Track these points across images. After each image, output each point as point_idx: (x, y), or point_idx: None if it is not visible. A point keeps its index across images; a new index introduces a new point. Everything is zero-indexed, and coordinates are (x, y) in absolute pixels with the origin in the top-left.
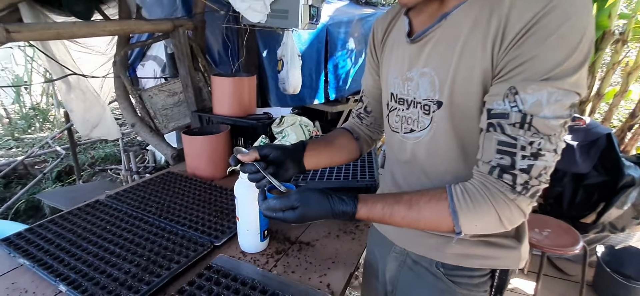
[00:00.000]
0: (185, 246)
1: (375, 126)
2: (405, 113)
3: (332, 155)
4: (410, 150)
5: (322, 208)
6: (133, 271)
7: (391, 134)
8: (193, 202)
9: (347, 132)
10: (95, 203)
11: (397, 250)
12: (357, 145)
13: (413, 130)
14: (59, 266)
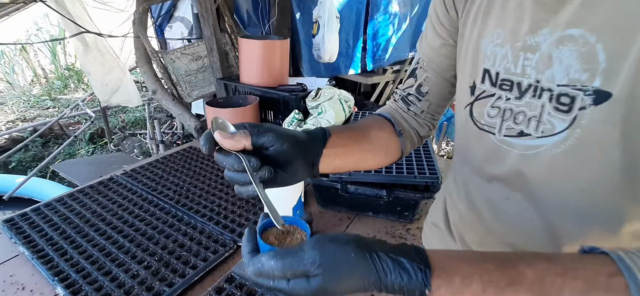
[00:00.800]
0: (204, 244)
1: (427, 116)
2: (512, 104)
3: (363, 154)
4: (514, 163)
5: (360, 280)
6: (142, 275)
7: (475, 133)
8: (215, 185)
9: (386, 122)
10: (109, 181)
11: None
12: (399, 143)
13: (526, 133)
14: (60, 261)
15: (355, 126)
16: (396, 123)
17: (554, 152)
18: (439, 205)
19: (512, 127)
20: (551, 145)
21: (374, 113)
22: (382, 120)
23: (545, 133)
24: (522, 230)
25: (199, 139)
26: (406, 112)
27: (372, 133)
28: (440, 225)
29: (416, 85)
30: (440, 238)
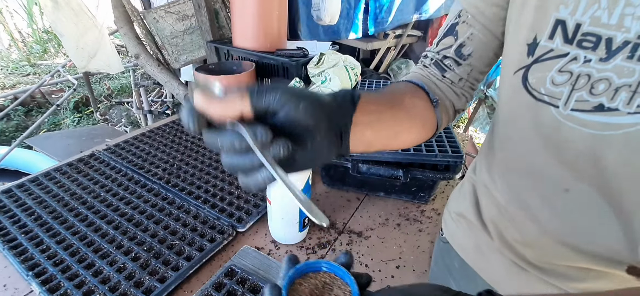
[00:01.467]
0: (199, 231)
1: (466, 85)
2: (593, 67)
3: (398, 125)
4: (584, 146)
5: None
6: (129, 268)
7: (528, 104)
8: (209, 163)
9: (419, 90)
10: (89, 157)
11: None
12: (435, 115)
13: (609, 107)
14: (35, 252)
15: (387, 92)
16: (431, 91)
17: None
18: (466, 195)
19: (585, 98)
20: None
21: (402, 80)
22: (414, 87)
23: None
24: (587, 229)
25: (180, 114)
26: (440, 80)
27: (406, 99)
28: (470, 218)
29: (456, 45)
30: (470, 231)
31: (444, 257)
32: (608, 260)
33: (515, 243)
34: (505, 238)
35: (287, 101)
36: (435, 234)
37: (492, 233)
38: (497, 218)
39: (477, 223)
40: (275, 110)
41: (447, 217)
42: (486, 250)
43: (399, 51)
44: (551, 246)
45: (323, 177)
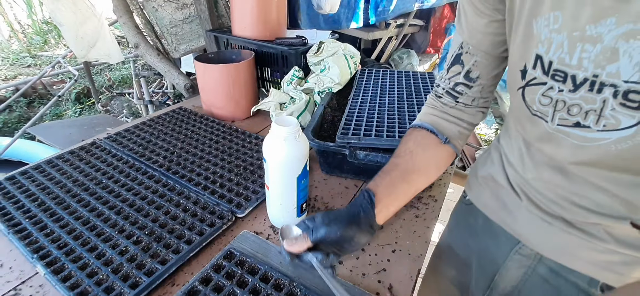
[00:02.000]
0: (199, 216)
1: (480, 102)
2: (565, 96)
3: (415, 185)
4: (572, 151)
5: None
6: (131, 251)
7: (528, 116)
8: (209, 151)
9: (429, 135)
10: (91, 145)
11: (525, 252)
12: (450, 149)
13: (583, 125)
14: (39, 235)
15: (399, 162)
16: (440, 133)
17: (620, 146)
18: (494, 161)
19: (565, 117)
20: (615, 140)
21: (415, 126)
22: (424, 134)
23: (608, 128)
24: (591, 198)
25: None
26: (454, 107)
27: (417, 160)
28: (499, 180)
29: (464, 71)
30: (498, 192)
31: (466, 217)
32: (613, 217)
33: (542, 204)
34: (532, 199)
35: (329, 233)
36: (431, 220)
37: (520, 195)
38: (522, 184)
39: (505, 185)
40: (324, 240)
41: (472, 181)
42: (513, 208)
43: (401, 41)
44: (568, 206)
45: (321, 164)
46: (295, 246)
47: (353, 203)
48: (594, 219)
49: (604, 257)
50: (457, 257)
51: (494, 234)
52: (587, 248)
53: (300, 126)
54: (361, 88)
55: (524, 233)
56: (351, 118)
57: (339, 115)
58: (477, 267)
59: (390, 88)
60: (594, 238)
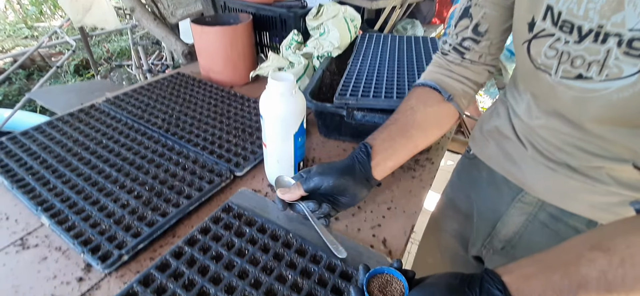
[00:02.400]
0: (198, 174)
1: (487, 59)
2: (570, 48)
3: (414, 142)
4: (573, 103)
5: None
6: (132, 204)
7: (531, 71)
8: (208, 114)
9: (432, 92)
10: (90, 108)
11: (527, 200)
12: (453, 107)
13: (584, 76)
14: (43, 190)
15: (398, 117)
16: (443, 89)
17: (621, 95)
18: (500, 113)
19: (568, 69)
20: (616, 89)
21: (418, 84)
22: (426, 92)
23: (611, 77)
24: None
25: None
26: (459, 64)
27: (418, 115)
28: (505, 132)
29: (472, 25)
30: (503, 144)
31: (469, 171)
32: (617, 160)
33: (546, 152)
34: (537, 148)
35: (322, 182)
36: (428, 181)
37: (525, 144)
38: (528, 133)
39: (511, 136)
40: (318, 188)
41: (477, 135)
42: (518, 158)
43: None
44: (573, 151)
45: (319, 127)
46: (288, 194)
47: (350, 155)
48: (598, 163)
49: (604, 199)
50: (458, 211)
51: (497, 185)
52: (589, 191)
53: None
54: (361, 52)
55: (528, 181)
56: (350, 80)
57: (338, 79)
58: (479, 218)
59: (391, 53)
60: (595, 181)
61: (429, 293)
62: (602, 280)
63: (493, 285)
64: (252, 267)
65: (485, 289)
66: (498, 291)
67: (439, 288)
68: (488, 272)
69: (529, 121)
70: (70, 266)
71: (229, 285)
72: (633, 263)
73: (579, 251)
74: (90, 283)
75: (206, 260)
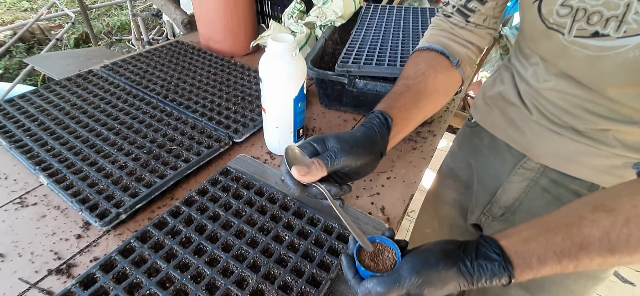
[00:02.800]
0: (196, 139)
1: (490, 22)
2: (587, 3)
3: (424, 112)
4: (585, 65)
5: (454, 288)
6: (130, 166)
7: (543, 31)
8: (207, 82)
9: (440, 57)
10: (87, 73)
11: (529, 166)
12: (459, 73)
13: (602, 34)
14: (41, 151)
15: (410, 83)
16: (451, 54)
17: (639, 52)
18: (504, 79)
19: (584, 27)
20: (634, 46)
21: (423, 48)
22: (434, 57)
23: (629, 34)
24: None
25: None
26: (464, 27)
27: (429, 84)
28: (510, 97)
29: None
30: (506, 110)
31: (470, 139)
32: (625, 122)
33: (552, 116)
34: (543, 112)
35: (350, 162)
36: (429, 152)
37: (530, 109)
38: (534, 97)
39: (516, 101)
40: (342, 169)
41: (479, 103)
42: (522, 123)
43: None
44: (581, 113)
45: (320, 96)
46: (309, 175)
47: (368, 125)
48: (606, 125)
49: (607, 162)
50: (458, 180)
51: (498, 152)
52: (593, 154)
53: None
54: (365, 22)
55: (531, 146)
56: (353, 48)
57: (340, 48)
58: (479, 185)
59: (396, 23)
60: (601, 144)
61: (424, 258)
62: (605, 240)
63: (490, 249)
64: (249, 227)
65: (481, 253)
66: (495, 254)
67: (434, 253)
68: (484, 237)
69: (536, 84)
70: (68, 223)
71: (226, 243)
72: (638, 222)
73: (581, 213)
74: (88, 240)
75: (203, 219)
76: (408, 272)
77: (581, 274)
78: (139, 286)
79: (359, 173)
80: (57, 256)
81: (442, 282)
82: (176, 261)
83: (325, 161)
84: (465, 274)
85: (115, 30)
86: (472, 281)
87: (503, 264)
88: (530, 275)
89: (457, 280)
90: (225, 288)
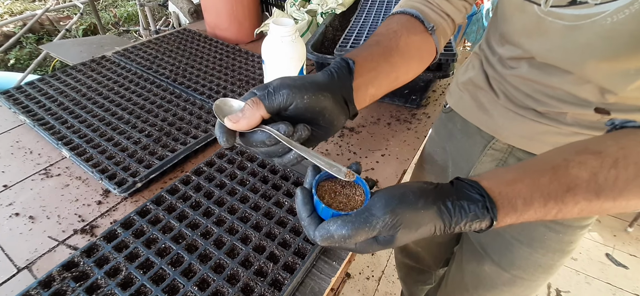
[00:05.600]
0: (204, 118)
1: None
2: None
3: (396, 71)
4: (558, 35)
5: (431, 230)
6: (144, 141)
7: (517, 5)
8: (213, 67)
9: (414, 21)
10: (101, 59)
11: (498, 147)
12: (433, 41)
13: (578, 1)
14: (62, 128)
15: (380, 39)
16: (426, 19)
17: (616, 17)
18: (475, 65)
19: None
20: (612, 11)
21: (397, 12)
22: (408, 20)
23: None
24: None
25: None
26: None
27: (401, 42)
28: (479, 83)
29: None
30: (476, 94)
31: (445, 124)
32: (580, 106)
33: (516, 100)
34: (508, 96)
35: (293, 97)
36: (423, 132)
37: (497, 93)
38: (500, 82)
39: (484, 86)
40: (286, 107)
41: (453, 88)
42: (490, 107)
43: None
44: (542, 98)
45: None
46: (243, 120)
47: (325, 69)
48: (564, 108)
49: (568, 139)
50: (435, 164)
51: (470, 135)
52: (554, 133)
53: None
54: (365, 9)
55: (499, 128)
56: (351, 33)
57: (340, 35)
58: (453, 167)
59: None
60: (561, 123)
61: (400, 195)
62: (592, 182)
63: (472, 190)
64: (252, 194)
65: (463, 194)
66: (478, 195)
67: (412, 190)
68: (462, 179)
69: (502, 70)
70: (90, 191)
71: (231, 207)
72: (626, 164)
73: (566, 157)
74: (108, 206)
75: (211, 187)
76: (381, 210)
77: (549, 247)
78: (155, 241)
79: (319, 122)
80: (81, 218)
81: (418, 223)
82: (187, 221)
83: (263, 97)
84: (444, 215)
85: (123, 20)
86: (450, 224)
87: (487, 205)
88: (513, 218)
89: (434, 222)
90: (231, 243)
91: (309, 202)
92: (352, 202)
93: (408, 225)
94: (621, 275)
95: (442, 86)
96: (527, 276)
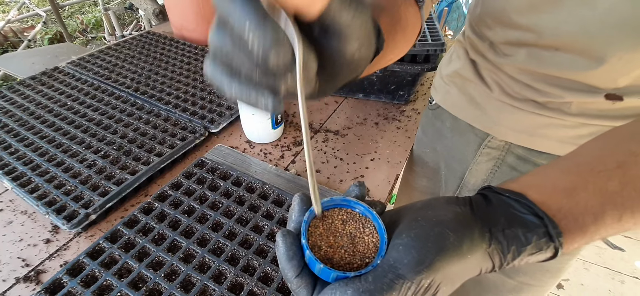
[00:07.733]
0: (170, 132)
1: None
2: None
3: (395, 41)
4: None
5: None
6: (99, 164)
7: None
8: (180, 72)
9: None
10: (53, 70)
11: (494, 145)
12: (420, 15)
13: None
14: (4, 154)
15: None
16: None
17: None
18: (460, 56)
19: None
20: None
21: None
22: None
23: None
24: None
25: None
26: None
27: (401, 9)
28: (466, 75)
29: None
30: (466, 88)
31: (433, 123)
32: (588, 93)
33: (513, 92)
34: (504, 88)
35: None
36: (413, 131)
37: (490, 86)
38: (493, 73)
39: (473, 78)
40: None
41: (437, 82)
42: (482, 101)
43: None
44: (543, 87)
45: None
46: None
47: None
48: (568, 97)
49: (574, 132)
50: (426, 166)
51: (461, 133)
52: (558, 126)
53: None
54: None
55: (494, 124)
56: None
57: None
58: (446, 170)
59: None
60: (564, 114)
61: (435, 236)
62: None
63: (524, 211)
64: (226, 219)
65: (516, 219)
66: (534, 217)
67: (447, 222)
68: (501, 192)
69: (495, 59)
70: (36, 228)
71: (202, 237)
72: None
73: (633, 148)
74: (58, 244)
75: (177, 214)
76: (412, 267)
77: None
78: (109, 289)
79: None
80: (25, 263)
81: (462, 275)
82: (149, 260)
83: None
84: (495, 255)
85: (91, 27)
86: (502, 264)
87: (549, 231)
88: (581, 243)
89: (481, 265)
90: (201, 284)
91: (297, 254)
92: (360, 246)
93: (451, 281)
94: (618, 257)
95: (429, 79)
96: (535, 282)
